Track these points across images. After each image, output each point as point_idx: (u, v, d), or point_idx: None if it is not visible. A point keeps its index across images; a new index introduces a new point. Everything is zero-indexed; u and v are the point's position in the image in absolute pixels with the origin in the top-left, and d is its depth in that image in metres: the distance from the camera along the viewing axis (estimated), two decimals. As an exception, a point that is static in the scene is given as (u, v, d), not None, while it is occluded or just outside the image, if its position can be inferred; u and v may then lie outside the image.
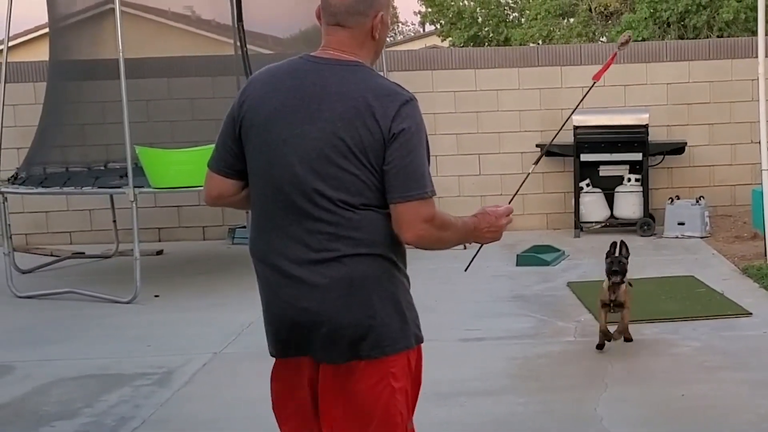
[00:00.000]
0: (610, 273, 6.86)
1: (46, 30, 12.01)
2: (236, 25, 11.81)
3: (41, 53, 12.66)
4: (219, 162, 3.33)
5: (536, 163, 5.59)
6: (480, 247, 3.80)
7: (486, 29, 29.47)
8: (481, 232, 3.41)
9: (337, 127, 3.11)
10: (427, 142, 3.20)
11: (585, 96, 5.99)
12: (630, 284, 6.97)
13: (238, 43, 11.81)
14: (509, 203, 3.65)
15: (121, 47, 8.77)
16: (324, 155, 3.11)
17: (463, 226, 3.33)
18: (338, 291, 3.14)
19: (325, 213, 3.12)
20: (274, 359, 3.40)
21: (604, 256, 6.97)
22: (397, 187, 3.10)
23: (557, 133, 6.53)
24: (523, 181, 5.62)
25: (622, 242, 6.98)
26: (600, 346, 6.81)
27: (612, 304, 6.81)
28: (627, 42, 6.22)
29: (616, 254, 6.88)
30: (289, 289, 3.18)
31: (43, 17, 11.40)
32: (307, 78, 3.20)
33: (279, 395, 3.39)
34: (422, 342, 3.35)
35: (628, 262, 6.91)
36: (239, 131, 3.25)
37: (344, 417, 3.22)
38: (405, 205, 3.10)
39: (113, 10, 8.96)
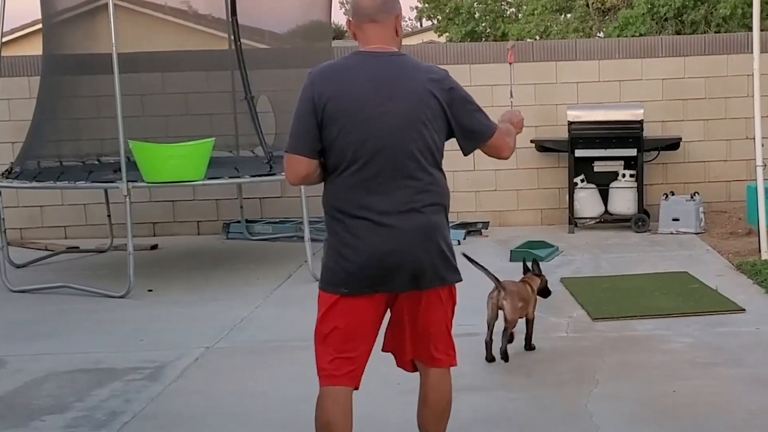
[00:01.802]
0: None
1: (41, 25, 11.97)
2: (230, 20, 11.79)
3: (36, 48, 12.63)
4: (304, 147, 4.06)
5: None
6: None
7: (483, 25, 29.42)
8: (516, 124, 4.58)
9: (410, 101, 4.03)
10: (470, 94, 4.23)
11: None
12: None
13: (233, 37, 11.79)
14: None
15: (114, 41, 8.73)
16: (406, 126, 4.01)
17: (508, 125, 4.50)
18: (421, 234, 4.05)
19: (412, 173, 4.03)
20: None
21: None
22: (480, 133, 4.22)
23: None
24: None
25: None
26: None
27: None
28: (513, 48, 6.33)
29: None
30: (381, 235, 4.01)
31: (37, 12, 11.37)
32: (373, 67, 4.08)
33: (349, 327, 4.12)
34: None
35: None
36: (322, 119, 4.00)
37: (412, 332, 4.25)
38: (493, 139, 4.25)
39: (107, 4, 8.92)
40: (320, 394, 4.16)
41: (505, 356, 6.49)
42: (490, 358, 6.51)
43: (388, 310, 4.28)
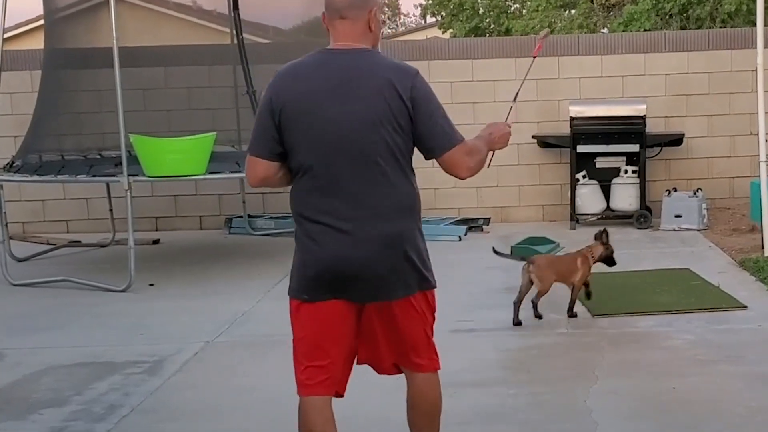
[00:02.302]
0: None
1: (43, 21, 11.98)
2: (232, 14, 11.78)
3: (38, 43, 12.63)
4: (262, 148, 3.93)
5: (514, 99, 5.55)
6: (492, 155, 4.41)
7: (487, 21, 29.38)
8: (494, 140, 4.26)
9: (369, 100, 3.81)
10: (439, 101, 3.96)
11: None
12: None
13: (235, 32, 11.79)
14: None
15: (115, 35, 8.72)
16: (364, 126, 3.81)
17: (483, 142, 4.18)
18: (384, 242, 3.87)
19: (371, 175, 3.84)
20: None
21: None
22: (436, 143, 3.92)
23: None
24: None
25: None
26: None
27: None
28: (546, 37, 6.19)
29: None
30: (341, 241, 3.85)
31: (39, 8, 11.38)
32: (332, 66, 3.88)
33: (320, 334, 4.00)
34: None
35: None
36: (279, 120, 3.86)
37: (387, 341, 4.10)
38: (450, 153, 3.93)
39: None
40: (300, 403, 4.06)
41: (536, 313, 7.40)
42: (516, 322, 7.28)
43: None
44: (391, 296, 3.97)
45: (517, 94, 5.32)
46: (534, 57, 5.50)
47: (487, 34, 28.52)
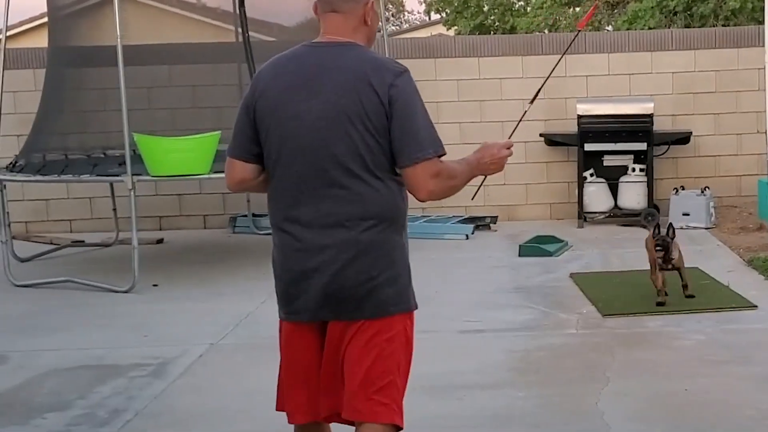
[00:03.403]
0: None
1: (46, 18, 11.93)
2: (238, 11, 11.71)
3: (41, 41, 12.58)
4: (239, 149, 3.63)
5: (531, 102, 5.45)
6: (484, 179, 4.14)
7: (492, 18, 29.32)
8: (485, 165, 3.71)
9: (339, 97, 3.46)
10: (425, 107, 3.54)
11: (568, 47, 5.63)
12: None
13: (240, 29, 11.72)
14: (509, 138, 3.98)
15: (119, 33, 8.66)
16: (330, 125, 3.47)
17: (468, 166, 3.66)
18: (345, 253, 3.48)
19: (335, 180, 3.48)
20: (277, 339, 3.78)
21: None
22: (403, 153, 3.47)
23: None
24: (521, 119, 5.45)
25: (670, 224, 7.95)
26: (660, 303, 7.62)
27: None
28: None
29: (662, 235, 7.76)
30: (302, 251, 3.52)
31: (42, 6, 11.32)
32: (307, 60, 3.56)
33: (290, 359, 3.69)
34: (416, 309, 3.70)
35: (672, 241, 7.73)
36: (254, 117, 3.57)
37: (346, 370, 3.57)
38: (413, 168, 3.47)
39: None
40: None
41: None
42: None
43: None
44: (357, 314, 3.53)
45: (536, 94, 5.16)
46: (580, 30, 5.16)
47: (492, 32, 28.46)
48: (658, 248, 7.67)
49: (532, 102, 5.17)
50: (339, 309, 3.54)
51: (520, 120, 5.83)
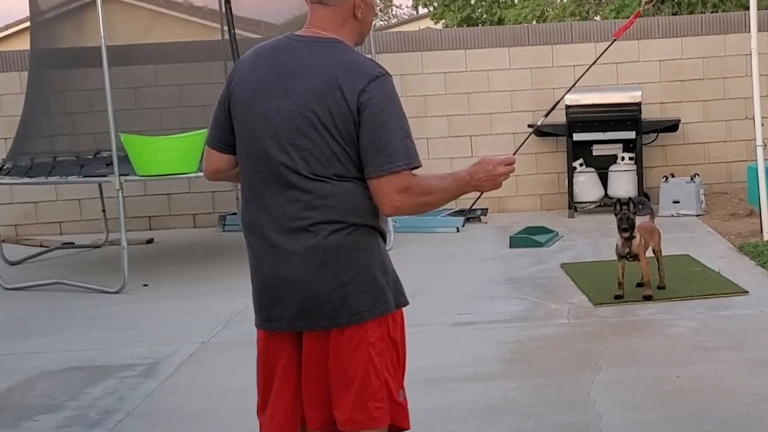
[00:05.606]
0: (621, 230, 7.42)
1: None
2: (224, 8, 11.68)
3: (26, 44, 12.53)
4: (214, 138, 3.54)
5: (546, 115, 5.35)
6: (480, 195, 3.92)
7: (479, 11, 29.31)
8: (480, 181, 3.49)
9: (308, 100, 3.28)
10: (402, 116, 3.32)
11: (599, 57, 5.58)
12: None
13: (226, 27, 11.68)
14: (513, 154, 3.71)
15: (102, 33, 8.61)
16: (296, 127, 3.29)
17: (454, 182, 3.45)
18: (313, 259, 3.32)
19: (299, 183, 3.31)
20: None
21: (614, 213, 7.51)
22: (370, 163, 3.27)
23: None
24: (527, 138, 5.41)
25: (630, 199, 7.61)
26: (618, 296, 7.43)
27: (628, 257, 7.44)
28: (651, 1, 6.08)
29: (624, 211, 7.42)
30: (271, 257, 3.37)
31: (26, 10, 11.28)
32: (285, 55, 3.39)
33: (266, 369, 3.52)
34: (404, 305, 3.53)
35: (635, 217, 7.49)
36: (228, 108, 3.45)
37: (325, 383, 3.41)
38: (378, 181, 3.27)
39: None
40: None
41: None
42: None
43: None
44: (330, 322, 3.36)
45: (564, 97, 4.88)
46: (615, 39, 5.08)
47: (480, 24, 28.44)
48: (623, 228, 7.39)
49: (546, 116, 5.09)
50: (313, 318, 3.36)
51: (527, 138, 5.79)
